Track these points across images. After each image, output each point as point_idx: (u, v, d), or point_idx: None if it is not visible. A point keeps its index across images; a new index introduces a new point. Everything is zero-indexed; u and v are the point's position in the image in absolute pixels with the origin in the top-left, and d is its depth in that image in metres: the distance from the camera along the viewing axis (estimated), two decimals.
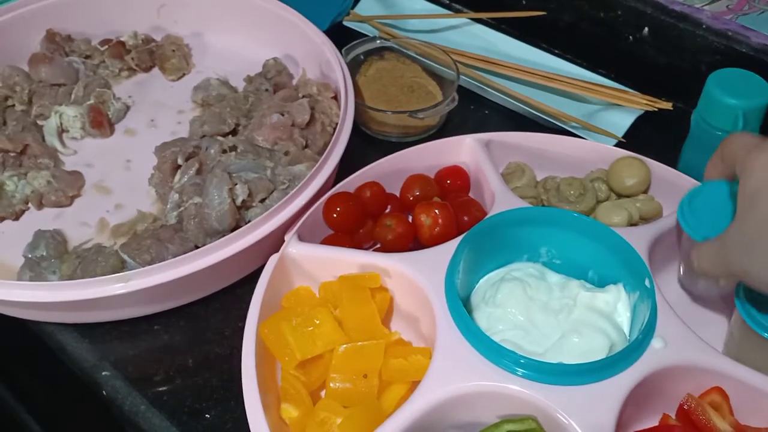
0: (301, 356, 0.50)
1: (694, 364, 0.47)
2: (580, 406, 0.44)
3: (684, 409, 0.47)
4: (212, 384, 0.53)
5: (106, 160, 0.68)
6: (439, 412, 0.45)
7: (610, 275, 0.53)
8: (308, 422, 0.48)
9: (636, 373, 0.45)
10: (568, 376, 0.44)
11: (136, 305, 0.54)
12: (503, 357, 0.45)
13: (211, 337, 0.56)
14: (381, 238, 0.57)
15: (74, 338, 0.56)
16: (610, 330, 0.49)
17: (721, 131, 0.61)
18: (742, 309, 0.48)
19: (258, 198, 0.60)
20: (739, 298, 0.49)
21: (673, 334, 0.47)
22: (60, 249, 0.59)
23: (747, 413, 0.47)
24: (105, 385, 0.53)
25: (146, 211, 0.63)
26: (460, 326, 0.47)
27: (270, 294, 0.53)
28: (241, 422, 0.50)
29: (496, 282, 0.53)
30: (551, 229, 0.54)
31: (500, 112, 0.76)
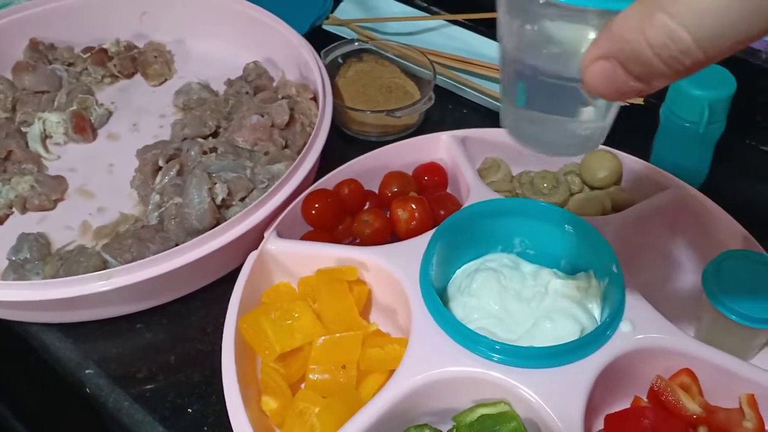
0: (281, 349, 0.51)
1: (663, 346, 0.48)
2: (550, 388, 0.45)
3: (654, 390, 0.48)
4: (194, 380, 0.54)
5: (89, 164, 0.69)
6: (415, 399, 0.46)
7: (580, 263, 0.54)
8: (288, 413, 0.49)
9: (605, 355, 0.47)
10: (538, 359, 0.46)
11: (118, 303, 0.55)
12: (475, 342, 0.46)
13: (192, 334, 0.57)
14: (359, 233, 0.59)
15: (58, 338, 0.56)
16: (581, 315, 0.50)
17: (689, 122, 0.63)
18: (710, 293, 0.50)
19: (238, 197, 0.61)
20: (707, 283, 0.50)
21: (642, 317, 0.49)
22: (43, 251, 0.60)
23: (716, 394, 0.49)
24: (89, 383, 0.54)
25: (128, 213, 0.64)
26: (435, 315, 0.49)
27: (250, 290, 0.54)
28: (223, 416, 0.51)
29: (471, 273, 0.55)
30: (524, 220, 0.55)
31: (478, 111, 0.78)
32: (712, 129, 0.63)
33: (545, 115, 0.37)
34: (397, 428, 0.47)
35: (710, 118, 0.62)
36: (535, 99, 0.36)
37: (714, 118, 0.62)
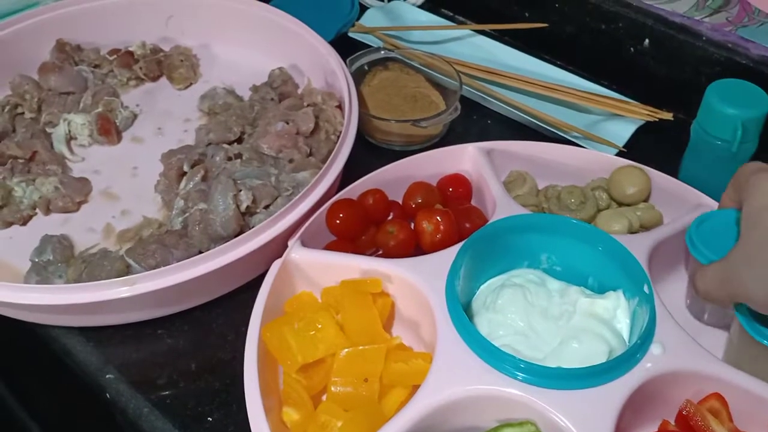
0: (303, 360, 0.50)
1: (693, 370, 0.47)
2: (578, 410, 0.44)
3: (683, 414, 0.47)
4: (215, 388, 0.54)
5: (113, 167, 0.69)
6: (439, 416, 0.46)
7: (609, 282, 0.53)
8: (309, 425, 0.48)
9: (634, 378, 0.46)
10: (566, 380, 0.45)
11: (141, 309, 0.55)
12: (502, 361, 0.46)
13: (214, 341, 0.57)
14: (383, 244, 0.58)
15: (79, 342, 0.56)
16: (609, 336, 0.50)
17: (721, 141, 0.62)
18: (742, 317, 0.49)
19: (262, 204, 0.61)
20: (738, 306, 0.49)
21: (672, 340, 0.48)
22: (66, 254, 0.60)
23: (746, 420, 0.48)
24: (109, 388, 0.54)
25: (152, 217, 0.64)
26: (461, 331, 0.48)
27: (273, 299, 0.54)
28: (243, 425, 0.50)
29: (497, 288, 0.54)
30: (551, 236, 0.54)
31: (502, 122, 0.77)
32: (745, 148, 0.62)
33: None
34: None
35: (743, 137, 0.61)
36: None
37: (747, 138, 0.61)
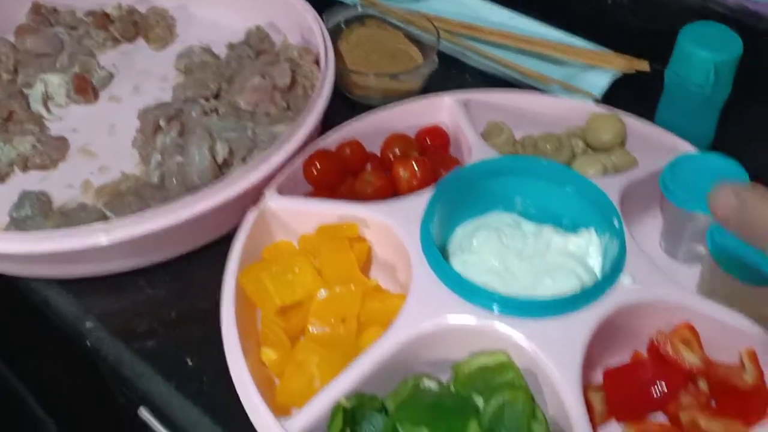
0: (281, 302, 0.51)
1: (663, 300, 0.48)
2: (548, 338, 0.45)
3: (654, 344, 0.48)
4: (195, 335, 0.54)
5: (91, 125, 0.69)
6: (413, 349, 0.47)
7: (582, 221, 0.54)
8: (287, 364, 0.49)
9: (605, 306, 0.46)
10: (536, 309, 0.46)
11: (120, 258, 0.55)
12: (474, 293, 0.46)
13: (194, 291, 0.57)
14: (360, 193, 0.58)
15: (59, 293, 0.57)
16: (581, 272, 0.50)
17: (694, 85, 0.62)
18: (714, 252, 0.49)
19: (239, 156, 0.61)
20: (710, 240, 0.50)
21: (642, 272, 0.49)
22: (45, 209, 0.60)
23: (716, 349, 0.48)
24: (89, 336, 0.54)
25: (130, 173, 0.64)
26: (434, 266, 0.49)
27: (250, 247, 0.54)
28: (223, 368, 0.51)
29: (472, 231, 0.54)
30: (524, 179, 0.55)
31: (481, 77, 0.77)
32: (718, 92, 0.63)
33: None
34: (395, 378, 0.47)
35: (716, 81, 0.61)
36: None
37: (720, 81, 0.62)
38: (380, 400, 0.45)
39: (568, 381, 0.43)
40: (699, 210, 0.53)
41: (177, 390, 0.51)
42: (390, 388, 0.47)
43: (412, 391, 0.46)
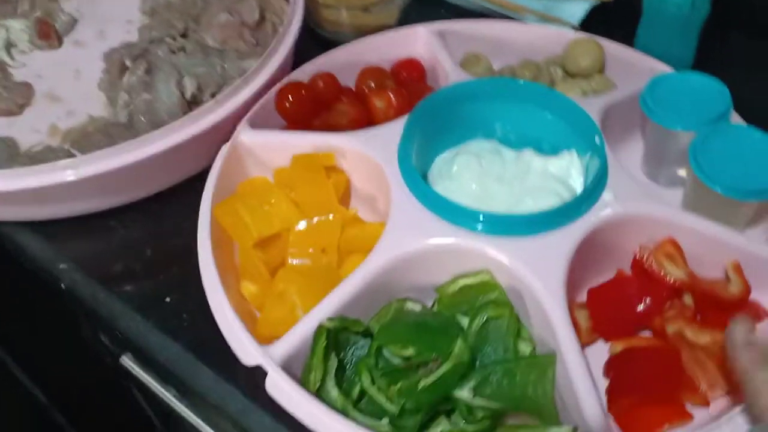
0: (258, 234, 0.50)
1: (645, 214, 0.47)
2: (531, 255, 0.44)
3: (637, 260, 0.48)
4: (172, 273, 0.53)
5: (56, 70, 0.67)
6: (396, 272, 0.46)
7: (562, 143, 0.53)
8: (267, 295, 0.48)
9: (587, 222, 0.46)
10: (518, 226, 0.45)
11: (89, 197, 0.54)
12: (455, 213, 0.46)
13: (169, 230, 0.56)
14: (335, 125, 0.57)
15: (30, 237, 0.55)
16: (563, 192, 0.49)
17: (673, 5, 0.61)
18: (696, 166, 0.49)
19: (208, 92, 0.59)
20: (694, 156, 0.49)
21: (624, 188, 0.48)
22: (11, 152, 0.58)
23: (700, 263, 0.48)
24: (63, 278, 0.53)
25: (97, 115, 0.62)
26: (413, 189, 0.48)
27: (225, 183, 0.53)
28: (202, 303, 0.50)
29: (451, 157, 0.53)
30: (502, 103, 0.54)
31: (456, 10, 0.75)
32: (696, 12, 0.61)
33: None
34: (378, 303, 0.46)
35: (693, 1, 0.60)
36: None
37: (698, 1, 0.60)
38: (363, 323, 0.44)
39: (553, 296, 0.43)
40: (680, 128, 0.52)
41: (156, 328, 0.50)
42: (373, 314, 0.46)
43: (396, 314, 0.45)
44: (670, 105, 0.52)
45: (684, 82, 0.54)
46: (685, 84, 0.54)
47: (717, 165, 0.48)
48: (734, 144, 0.50)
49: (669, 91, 0.54)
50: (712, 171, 0.48)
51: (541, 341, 0.45)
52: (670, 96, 0.53)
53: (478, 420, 0.41)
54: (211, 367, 0.48)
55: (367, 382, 0.41)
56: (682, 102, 0.53)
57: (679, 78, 0.55)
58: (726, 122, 0.52)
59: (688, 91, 0.54)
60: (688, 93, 0.53)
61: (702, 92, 0.53)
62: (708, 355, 0.45)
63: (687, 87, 0.54)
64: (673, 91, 0.54)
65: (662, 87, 0.54)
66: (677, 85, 0.54)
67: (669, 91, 0.54)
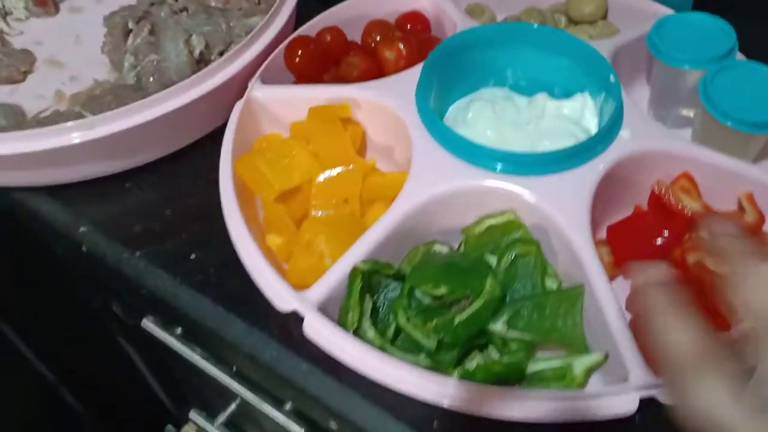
0: (280, 187, 0.50)
1: (662, 149, 0.48)
2: (556, 193, 0.45)
3: (655, 194, 0.49)
4: (193, 230, 0.53)
5: (55, 37, 0.66)
6: (422, 217, 0.46)
7: (574, 87, 0.54)
8: (294, 246, 0.48)
9: (607, 159, 0.47)
10: (542, 165, 0.46)
11: (105, 158, 0.53)
12: (478, 154, 0.46)
13: (185, 189, 0.56)
14: (346, 77, 0.57)
15: (46, 202, 0.55)
16: (579, 133, 0.50)
17: None
18: (706, 100, 0.50)
19: (216, 51, 0.59)
20: (703, 91, 0.50)
21: (640, 125, 0.49)
22: (18, 119, 0.57)
23: (714, 196, 0.49)
24: (84, 241, 0.53)
25: (102, 79, 0.61)
26: (435, 134, 0.48)
27: (240, 139, 0.53)
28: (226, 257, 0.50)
29: (466, 104, 0.54)
30: (513, 49, 0.54)
31: None
32: None
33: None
34: (405, 248, 0.47)
35: None
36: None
37: None
38: (394, 266, 0.45)
39: (579, 231, 0.44)
40: (687, 66, 0.53)
41: (184, 284, 0.50)
42: (400, 258, 0.47)
43: (425, 257, 0.46)
44: (676, 44, 0.53)
45: (689, 22, 0.55)
46: (690, 24, 0.55)
47: (726, 100, 0.50)
48: (742, 80, 0.51)
49: (675, 31, 0.55)
50: (722, 106, 0.49)
51: (567, 277, 0.46)
52: (677, 36, 0.54)
53: (513, 351, 0.43)
54: (242, 317, 0.48)
55: (403, 320, 0.42)
56: (688, 41, 0.54)
57: (684, 18, 0.56)
58: (732, 60, 0.53)
59: (694, 31, 0.55)
60: (694, 33, 0.54)
61: (707, 31, 0.54)
62: None
63: (692, 27, 0.55)
64: (679, 31, 0.55)
65: (668, 27, 0.55)
66: (683, 26, 0.55)
67: (675, 31, 0.55)
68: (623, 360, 0.41)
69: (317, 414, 0.48)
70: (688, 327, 0.30)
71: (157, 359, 0.87)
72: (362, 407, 0.45)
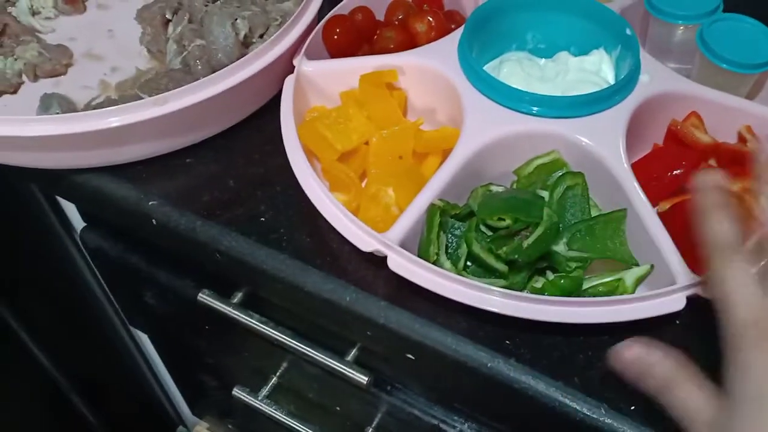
0: (342, 148, 0.55)
1: (676, 90, 0.55)
2: (594, 131, 0.52)
3: (672, 130, 0.56)
4: (257, 196, 0.57)
5: (88, 33, 0.69)
6: (479, 162, 0.52)
7: (589, 45, 0.60)
8: (361, 199, 0.53)
9: (633, 100, 0.54)
10: (579, 107, 0.52)
11: (169, 135, 0.57)
12: (526, 101, 0.52)
13: (243, 161, 0.59)
14: (383, 49, 0.62)
15: (111, 179, 0.57)
16: (602, 83, 0.57)
17: None
18: (702, 45, 0.57)
19: (257, 34, 0.63)
20: (700, 37, 0.58)
21: (656, 71, 0.56)
22: (72, 108, 0.60)
23: (717, 132, 0.57)
24: (155, 213, 0.56)
25: (144, 68, 0.64)
26: (482, 86, 0.54)
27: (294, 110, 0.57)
28: (296, 219, 0.55)
29: (497, 66, 0.60)
30: (534, 12, 0.60)
31: None
32: None
33: None
34: (465, 191, 0.52)
35: None
36: None
37: None
38: (460, 206, 0.50)
39: (618, 161, 0.50)
40: (681, 22, 0.60)
41: (258, 242, 0.54)
42: (460, 202, 0.52)
43: (485, 196, 0.51)
44: (670, 3, 0.61)
45: None
46: None
47: (720, 47, 0.57)
48: (730, 30, 0.59)
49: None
50: (718, 52, 0.57)
51: (609, 205, 0.52)
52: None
53: (573, 270, 0.48)
54: (318, 268, 0.52)
55: (477, 248, 0.48)
56: (679, 0, 0.61)
57: None
58: (719, 14, 0.61)
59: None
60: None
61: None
62: (739, 201, 0.54)
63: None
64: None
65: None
66: None
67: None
68: (669, 268, 0.47)
69: (393, 349, 0.53)
70: (730, 221, 0.39)
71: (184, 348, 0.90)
72: (440, 334, 0.50)
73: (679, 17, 0.60)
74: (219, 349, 0.83)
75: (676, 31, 0.62)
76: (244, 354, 0.80)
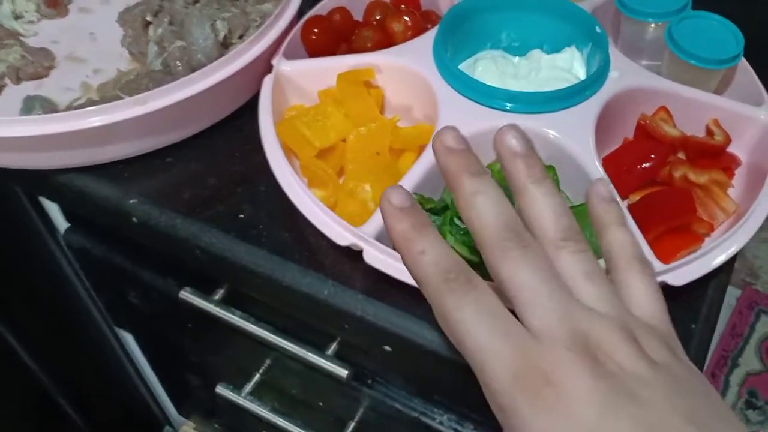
0: (320, 145, 0.56)
1: (645, 86, 0.57)
2: (567, 126, 0.53)
3: (641, 124, 0.58)
4: (238, 193, 0.58)
5: (70, 36, 0.69)
6: None
7: (562, 42, 0.62)
8: (339, 194, 0.54)
9: (603, 94, 0.55)
10: (550, 102, 0.53)
11: (150, 134, 0.57)
12: (498, 97, 0.54)
13: (223, 160, 0.60)
14: (360, 48, 0.63)
15: (93, 179, 0.58)
16: (573, 80, 0.58)
17: None
18: (671, 42, 0.59)
19: (236, 35, 0.64)
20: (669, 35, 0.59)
21: (625, 67, 0.57)
22: (54, 110, 0.61)
23: (685, 125, 0.58)
24: (135, 211, 0.57)
25: (126, 69, 0.65)
26: (455, 83, 0.55)
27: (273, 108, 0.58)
28: (274, 212, 0.56)
29: (471, 64, 0.61)
30: (508, 12, 0.62)
31: None
32: None
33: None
34: (440, 185, 0.53)
35: None
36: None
37: None
38: (434, 200, 0.51)
39: (588, 155, 0.52)
40: (651, 19, 0.62)
41: (237, 238, 0.55)
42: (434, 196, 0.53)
43: None
44: (640, 1, 0.62)
45: None
46: None
47: (688, 44, 0.59)
48: (698, 28, 0.60)
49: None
50: (686, 48, 0.58)
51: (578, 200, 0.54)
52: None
53: None
54: (296, 263, 0.53)
55: (452, 240, 0.49)
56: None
57: None
58: (688, 12, 0.63)
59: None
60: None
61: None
62: (706, 192, 0.55)
63: None
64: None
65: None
66: None
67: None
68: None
69: (371, 341, 0.54)
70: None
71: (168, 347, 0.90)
72: (417, 326, 0.51)
73: (649, 15, 0.62)
74: (203, 347, 0.84)
75: (647, 29, 0.63)
76: (228, 351, 0.81)
